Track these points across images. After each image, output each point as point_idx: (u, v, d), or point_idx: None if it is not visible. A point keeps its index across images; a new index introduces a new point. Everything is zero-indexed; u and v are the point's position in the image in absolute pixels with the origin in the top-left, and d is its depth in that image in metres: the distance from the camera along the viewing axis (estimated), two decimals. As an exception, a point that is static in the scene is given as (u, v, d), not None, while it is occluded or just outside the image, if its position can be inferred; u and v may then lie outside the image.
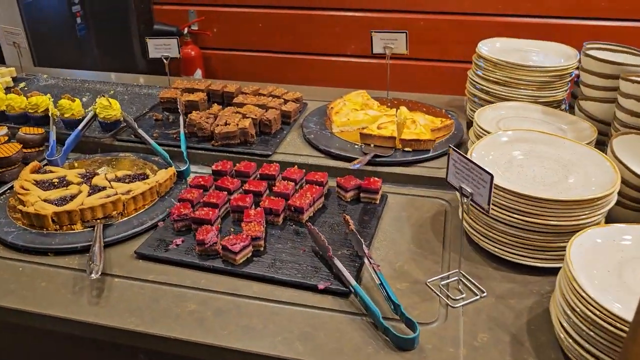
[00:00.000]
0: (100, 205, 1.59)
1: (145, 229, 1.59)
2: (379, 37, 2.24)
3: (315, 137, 1.97)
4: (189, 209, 1.57)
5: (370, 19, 3.98)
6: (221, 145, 1.92)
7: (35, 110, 2.11)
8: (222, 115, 1.99)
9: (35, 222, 1.58)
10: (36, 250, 1.51)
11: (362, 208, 1.66)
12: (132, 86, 2.50)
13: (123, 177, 1.78)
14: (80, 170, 1.83)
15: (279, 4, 4.09)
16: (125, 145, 2.02)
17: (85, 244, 1.51)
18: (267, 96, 2.20)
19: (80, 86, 2.53)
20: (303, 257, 1.45)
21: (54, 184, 1.74)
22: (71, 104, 2.07)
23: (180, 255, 1.47)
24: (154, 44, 2.49)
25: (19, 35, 2.69)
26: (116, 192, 1.67)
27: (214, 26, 4.30)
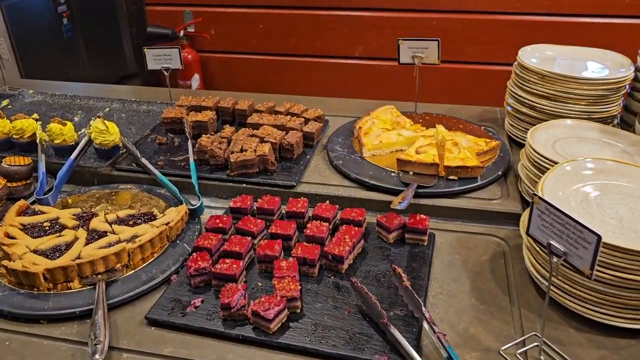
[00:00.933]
0: (102, 258, 1.34)
1: (156, 285, 1.34)
2: (407, 45, 2.00)
3: (344, 163, 1.72)
4: (207, 261, 1.32)
5: (378, 19, 3.74)
6: (237, 175, 1.67)
7: (20, 135, 1.85)
8: (237, 140, 1.74)
9: (24, 280, 1.32)
10: (26, 317, 1.26)
11: (409, 252, 1.42)
12: (130, 102, 2.24)
13: (126, 218, 1.52)
14: (75, 210, 1.57)
15: (280, 4, 3.83)
16: (126, 176, 1.77)
17: (85, 308, 1.26)
18: (284, 114, 1.95)
19: (70, 103, 2.27)
20: (349, 320, 1.21)
21: (45, 229, 1.48)
22: (62, 128, 1.81)
23: (201, 320, 1.22)
24: (153, 55, 2.24)
25: (1, 45, 2.42)
26: (119, 239, 1.42)
27: (211, 28, 4.03)
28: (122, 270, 1.37)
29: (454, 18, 3.60)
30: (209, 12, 3.99)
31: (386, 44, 3.77)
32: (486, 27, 3.57)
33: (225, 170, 1.72)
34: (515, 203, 1.56)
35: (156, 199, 1.65)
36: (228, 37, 4.02)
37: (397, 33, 3.72)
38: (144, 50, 2.25)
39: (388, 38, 3.75)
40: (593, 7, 3.31)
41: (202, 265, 1.31)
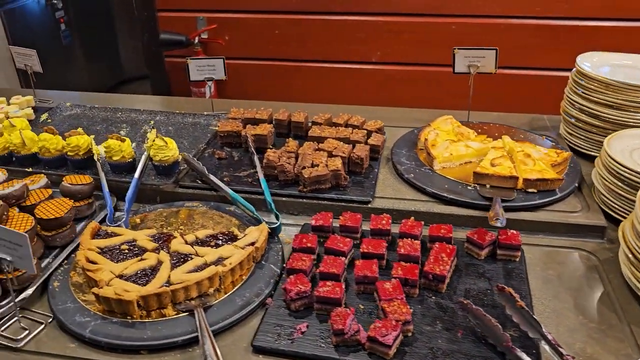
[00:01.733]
0: (196, 283, 1.29)
1: (253, 310, 1.29)
2: (463, 54, 1.98)
3: (415, 177, 1.70)
4: (307, 284, 1.28)
5: (396, 24, 3.72)
6: (310, 190, 1.63)
7: (75, 152, 1.77)
8: (304, 154, 1.70)
9: (116, 308, 1.26)
10: (124, 348, 1.20)
11: (503, 269, 1.40)
12: (174, 114, 2.18)
13: (206, 238, 1.47)
14: (150, 231, 1.51)
15: (297, 9, 3.79)
16: (190, 193, 1.71)
17: (186, 337, 1.21)
18: (343, 126, 1.91)
19: (112, 116, 2.19)
20: (464, 343, 1.18)
21: (124, 252, 1.42)
22: (121, 144, 1.75)
23: (312, 347, 1.18)
24: (197, 65, 2.18)
25: (32, 57, 2.34)
26: (205, 261, 1.37)
27: (225, 34, 3.96)
28: (214, 295, 1.32)
29: (472, 23, 3.60)
30: (222, 18, 3.92)
31: (404, 49, 3.76)
32: (504, 32, 3.58)
33: (295, 185, 1.67)
34: (599, 215, 1.55)
35: (228, 217, 1.61)
36: (243, 43, 3.96)
37: (415, 38, 3.73)
38: (187, 61, 2.19)
39: (406, 43, 3.74)
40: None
41: (303, 289, 1.26)
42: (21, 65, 2.38)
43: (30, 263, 1.17)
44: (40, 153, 1.80)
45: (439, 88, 3.77)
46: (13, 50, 2.38)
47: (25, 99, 2.24)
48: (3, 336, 1.25)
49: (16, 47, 2.37)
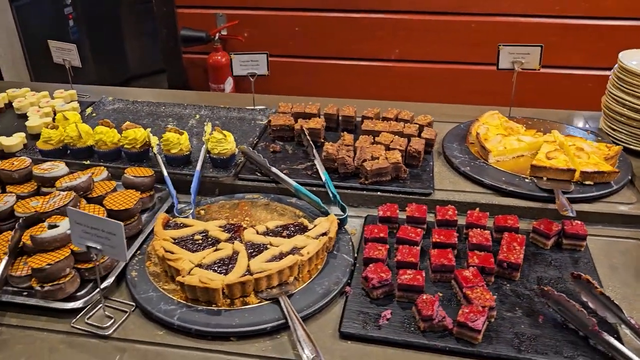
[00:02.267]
0: (278, 272, 1.31)
1: (333, 298, 1.32)
2: (507, 51, 2.01)
3: (471, 170, 1.73)
4: (387, 273, 1.30)
5: (416, 22, 3.75)
6: (371, 183, 1.66)
7: (132, 145, 1.79)
8: (363, 148, 1.72)
9: (201, 296, 1.28)
10: (213, 335, 1.22)
11: (570, 258, 1.44)
12: (218, 109, 2.19)
13: (276, 229, 1.49)
14: (220, 222, 1.53)
15: (317, 7, 3.81)
16: (250, 185, 1.73)
17: (274, 324, 1.23)
18: (393, 120, 1.94)
19: (156, 110, 2.20)
20: (547, 328, 1.22)
21: (198, 242, 1.44)
22: (179, 137, 1.76)
23: (400, 333, 1.21)
24: (240, 60, 2.20)
25: (71, 52, 2.34)
26: (281, 251, 1.39)
27: (244, 30, 3.97)
28: (294, 284, 1.34)
29: (492, 21, 3.65)
30: (241, 15, 3.93)
31: (424, 47, 3.80)
32: (523, 30, 3.63)
33: (354, 178, 1.70)
34: (655, 207, 1.60)
35: (291, 209, 1.63)
36: (262, 39, 3.98)
37: (435, 36, 3.77)
38: (231, 56, 2.21)
39: (426, 41, 3.78)
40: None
41: (385, 277, 1.29)
42: (59, 60, 2.38)
43: (123, 252, 1.19)
44: (96, 146, 1.81)
45: (457, 86, 3.82)
46: (52, 45, 2.38)
47: (68, 93, 2.24)
48: (90, 324, 1.26)
49: (55, 41, 2.37)
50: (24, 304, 1.30)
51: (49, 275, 1.30)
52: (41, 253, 1.34)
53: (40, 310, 1.29)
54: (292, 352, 1.19)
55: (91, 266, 1.37)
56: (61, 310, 1.29)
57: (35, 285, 1.31)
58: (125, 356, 1.19)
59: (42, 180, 1.60)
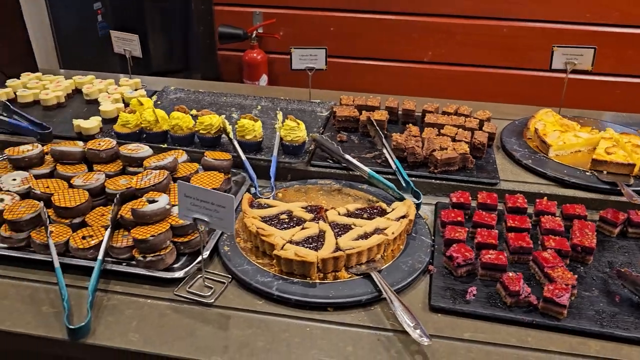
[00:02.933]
0: (367, 249, 1.39)
1: (418, 275, 1.40)
2: (561, 52, 2.10)
3: (533, 163, 1.81)
4: (470, 252, 1.38)
5: (449, 25, 3.84)
6: (440, 172, 1.74)
7: (207, 131, 1.87)
8: (431, 139, 1.81)
9: (297, 269, 1.36)
10: (312, 305, 1.30)
11: (636, 245, 1.52)
12: (278, 100, 2.28)
13: (357, 211, 1.57)
14: (301, 203, 1.61)
15: (353, 8, 3.90)
16: (321, 172, 1.81)
17: (369, 297, 1.31)
18: (453, 114, 2.03)
19: (218, 100, 2.29)
20: (624, 307, 1.30)
21: (284, 221, 1.52)
22: (254, 124, 1.84)
23: (488, 307, 1.29)
24: (299, 55, 2.28)
25: (133, 42, 2.42)
26: (365, 231, 1.47)
27: (279, 29, 4.06)
28: (380, 261, 1.42)
29: (523, 27, 3.73)
30: (277, 14, 4.02)
31: (456, 49, 3.89)
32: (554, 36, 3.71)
33: (422, 167, 1.78)
34: None
35: (364, 194, 1.71)
36: (296, 38, 4.06)
37: (467, 39, 3.86)
38: (291, 50, 2.29)
39: (458, 44, 3.86)
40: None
41: (469, 256, 1.37)
42: (120, 50, 2.46)
43: (231, 224, 1.26)
44: (172, 131, 1.89)
45: (487, 89, 3.91)
46: (113, 35, 2.47)
47: (133, 81, 2.33)
48: (193, 293, 1.34)
49: (117, 32, 2.45)
50: (129, 272, 1.37)
51: (151, 246, 1.38)
52: (142, 226, 1.42)
53: (144, 279, 1.37)
54: (388, 322, 1.27)
55: (187, 240, 1.45)
56: (163, 280, 1.37)
57: (138, 256, 1.39)
58: (231, 322, 1.26)
59: (129, 160, 1.68)
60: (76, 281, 1.36)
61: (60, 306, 1.29)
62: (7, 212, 1.45)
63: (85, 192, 1.56)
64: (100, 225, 1.48)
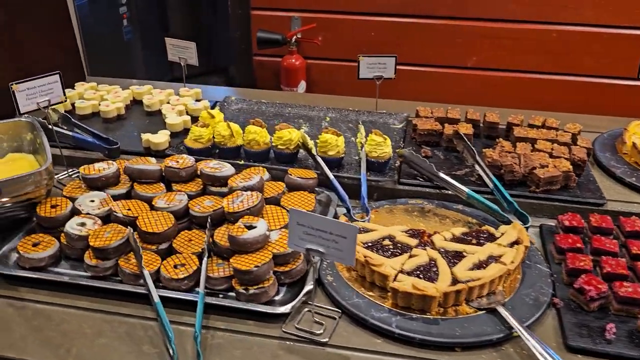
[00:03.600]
0: (490, 281, 1.28)
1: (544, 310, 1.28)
2: (651, 60, 1.98)
3: (637, 180, 1.69)
4: (603, 284, 1.26)
5: (495, 30, 3.72)
6: (542, 191, 1.62)
7: (286, 146, 1.75)
8: (527, 155, 1.69)
9: (416, 303, 1.25)
10: (437, 345, 1.18)
11: None
12: (346, 111, 2.16)
13: (462, 236, 1.46)
14: (399, 226, 1.49)
15: (396, 12, 3.79)
16: (411, 190, 1.69)
17: (500, 335, 1.19)
18: (543, 128, 1.91)
19: (283, 111, 2.17)
20: None
21: (388, 248, 1.40)
22: (337, 139, 1.73)
23: (635, 349, 1.17)
24: (367, 63, 2.17)
25: (189, 50, 2.31)
26: (479, 259, 1.35)
27: (318, 34, 3.95)
28: (501, 293, 1.30)
29: (574, 31, 3.61)
30: (316, 18, 3.91)
31: (501, 55, 3.77)
32: (608, 42, 3.59)
33: (520, 186, 1.66)
34: None
35: (462, 216, 1.59)
36: (335, 43, 3.95)
37: (513, 44, 3.74)
38: (359, 58, 2.18)
39: (504, 49, 3.75)
40: None
41: (603, 289, 1.25)
42: (174, 58, 2.35)
43: (352, 256, 1.15)
44: (248, 146, 1.77)
45: (535, 96, 3.78)
46: (168, 42, 2.36)
47: (194, 91, 2.22)
48: (304, 330, 1.22)
49: (172, 39, 2.34)
50: (231, 307, 1.26)
51: (255, 278, 1.26)
52: (240, 255, 1.31)
53: (247, 314, 1.26)
54: (524, 364, 1.15)
55: (287, 269, 1.33)
56: (267, 315, 1.25)
57: (239, 288, 1.27)
58: (352, 364, 1.15)
59: (211, 179, 1.56)
60: (171, 315, 1.24)
61: (161, 345, 1.18)
62: (93, 239, 1.34)
63: (170, 215, 1.44)
64: (191, 252, 1.37)
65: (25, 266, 1.37)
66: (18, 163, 1.65)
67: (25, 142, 1.71)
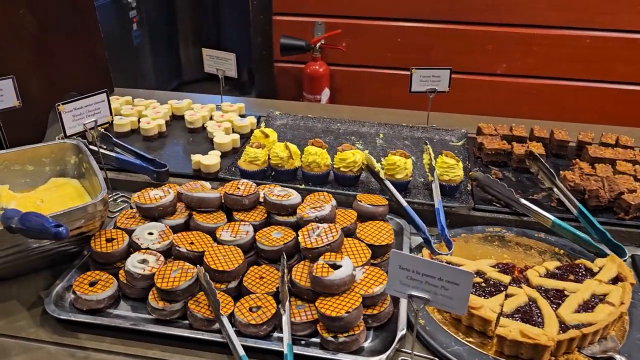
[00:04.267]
0: (605, 326, 1.16)
1: (664, 356, 1.16)
2: None
3: None
4: None
5: (526, 35, 3.61)
6: (632, 218, 1.51)
7: (350, 169, 1.63)
8: (611, 177, 1.57)
9: (524, 353, 1.12)
10: (555, 401, 1.06)
11: None
12: (399, 127, 2.04)
13: (556, 271, 1.34)
14: (487, 260, 1.37)
15: (423, 18, 3.67)
16: (486, 217, 1.57)
17: (625, 390, 1.07)
18: (617, 146, 1.79)
19: (331, 127, 2.05)
20: None
21: (481, 286, 1.28)
22: (405, 161, 1.61)
23: None
24: (420, 76, 2.05)
25: (229, 61, 2.17)
26: (583, 298, 1.23)
27: (342, 40, 3.82)
28: (615, 340, 1.18)
29: (609, 37, 3.51)
30: (341, 24, 3.79)
31: (533, 61, 3.66)
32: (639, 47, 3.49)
33: (605, 212, 1.55)
34: None
35: (547, 245, 1.47)
36: (360, 49, 3.83)
37: (545, 51, 3.63)
38: (412, 70, 2.06)
39: (535, 56, 3.64)
40: None
41: None
42: (211, 70, 2.22)
43: (464, 304, 1.03)
44: (308, 168, 1.65)
45: (567, 103, 3.68)
46: (205, 53, 2.22)
47: (237, 106, 2.08)
48: (404, 384, 1.10)
49: (210, 49, 2.21)
50: (318, 357, 1.13)
51: (345, 324, 1.14)
52: (326, 297, 1.18)
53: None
54: None
55: (376, 312, 1.21)
56: (362, 366, 1.13)
57: (327, 336, 1.15)
58: None
59: (277, 208, 1.43)
60: (251, 366, 1.12)
61: (248, 403, 1.05)
62: (159, 280, 1.21)
63: (238, 249, 1.32)
64: (265, 292, 1.24)
65: (83, 308, 1.24)
66: (63, 189, 1.52)
67: (69, 166, 1.58)
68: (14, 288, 1.33)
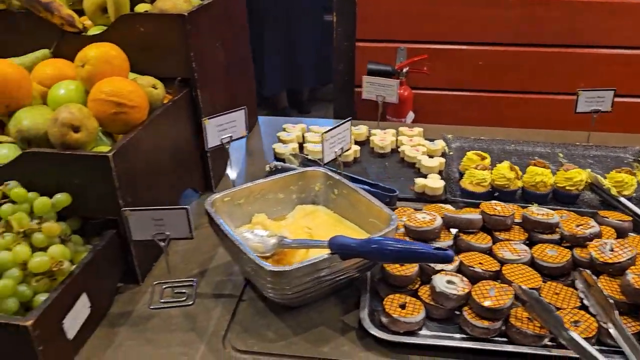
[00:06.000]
0: None
1: None
2: None
3: None
4: None
5: (606, 56, 3.75)
6: None
7: (576, 187, 1.70)
8: None
9: None
10: None
11: None
12: (573, 147, 2.11)
13: None
14: None
15: (506, 41, 3.80)
16: None
17: None
18: None
19: (509, 149, 2.11)
20: None
21: None
22: (632, 178, 1.68)
23: None
24: (586, 97, 2.15)
25: (391, 88, 2.24)
26: None
27: (424, 64, 3.92)
28: None
29: None
30: (423, 49, 3.89)
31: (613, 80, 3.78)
32: None
33: None
34: None
35: None
36: (441, 73, 3.93)
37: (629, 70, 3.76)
38: (577, 92, 2.15)
39: (616, 74, 3.76)
40: None
41: None
42: (371, 96, 2.29)
43: None
44: (533, 188, 1.71)
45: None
46: (365, 80, 2.30)
47: (417, 130, 2.14)
48: None
49: (370, 77, 2.28)
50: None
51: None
52: None
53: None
54: None
55: (689, 322, 1.26)
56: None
57: None
58: None
59: (541, 226, 1.49)
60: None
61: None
62: (481, 299, 1.25)
63: (526, 267, 1.37)
64: (572, 307, 1.29)
65: (400, 331, 1.27)
66: (317, 216, 1.55)
67: (313, 193, 1.62)
68: (313, 315, 1.35)
